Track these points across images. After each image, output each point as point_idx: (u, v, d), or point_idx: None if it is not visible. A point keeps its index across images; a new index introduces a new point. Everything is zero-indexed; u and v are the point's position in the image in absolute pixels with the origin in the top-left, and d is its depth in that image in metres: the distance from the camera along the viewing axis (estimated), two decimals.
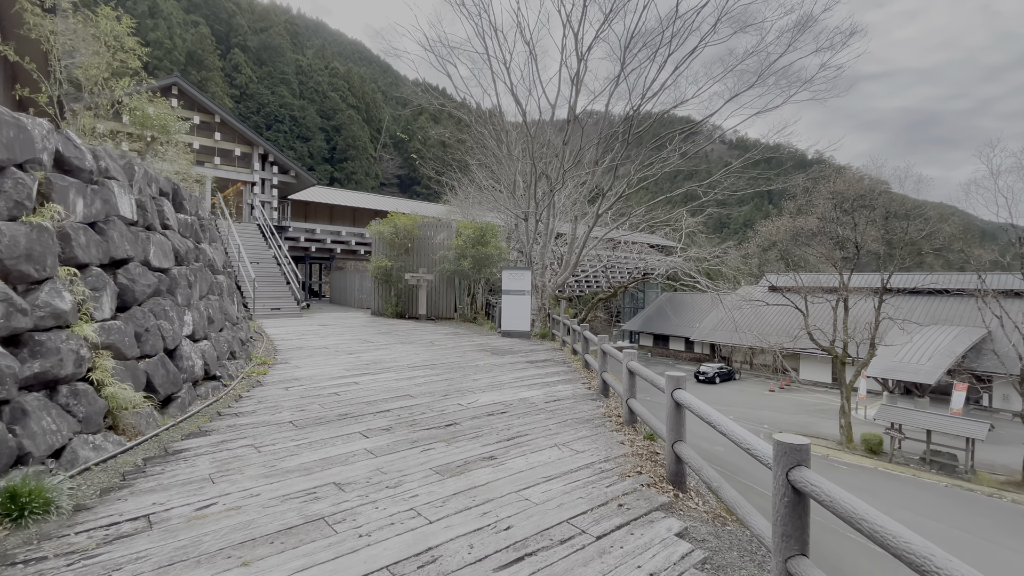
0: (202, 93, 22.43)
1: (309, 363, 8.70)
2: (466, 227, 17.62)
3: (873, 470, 21.19)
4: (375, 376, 7.68)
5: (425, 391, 6.77)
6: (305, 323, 15.21)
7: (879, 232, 24.43)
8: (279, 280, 18.68)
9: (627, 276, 41.52)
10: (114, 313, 5.17)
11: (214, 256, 8.64)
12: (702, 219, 18.06)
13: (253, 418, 5.46)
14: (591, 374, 8.53)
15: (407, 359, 9.27)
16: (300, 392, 6.62)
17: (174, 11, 64.92)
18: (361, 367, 8.39)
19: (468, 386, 7.13)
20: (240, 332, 8.92)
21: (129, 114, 8.90)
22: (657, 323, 49.60)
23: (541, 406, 6.17)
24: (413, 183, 78.97)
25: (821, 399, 34.37)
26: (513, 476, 3.98)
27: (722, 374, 37.78)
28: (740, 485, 17.46)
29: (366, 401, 6.16)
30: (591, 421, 5.64)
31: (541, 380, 7.77)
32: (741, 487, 16.43)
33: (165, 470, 4.05)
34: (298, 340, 11.47)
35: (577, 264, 13.99)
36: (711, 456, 20.01)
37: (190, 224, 7.66)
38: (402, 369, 8.28)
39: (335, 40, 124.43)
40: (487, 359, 9.55)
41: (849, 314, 25.18)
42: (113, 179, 5.64)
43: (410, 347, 10.77)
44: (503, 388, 7.10)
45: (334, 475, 3.94)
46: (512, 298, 13.27)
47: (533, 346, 11.76)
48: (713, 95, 13.92)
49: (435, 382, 7.35)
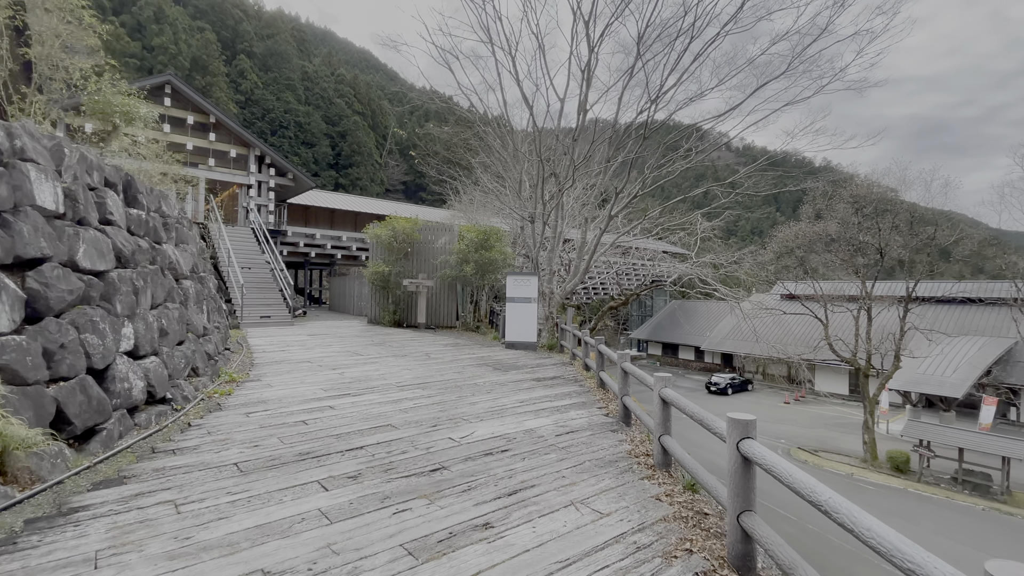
0: (196, 92, 21.62)
1: (284, 380, 7.63)
2: (469, 231, 16.59)
3: (903, 491, 19.80)
4: (355, 398, 6.59)
5: (411, 419, 5.66)
6: (294, 332, 14.17)
7: (904, 238, 23.15)
8: (271, 287, 17.69)
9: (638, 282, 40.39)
10: (18, 326, 4.12)
11: (178, 259, 7.61)
12: (720, 223, 16.91)
13: (192, 457, 4.37)
14: (607, 395, 7.40)
15: (397, 376, 8.17)
16: (261, 420, 5.54)
17: (180, 17, 64.84)
18: (342, 386, 7.30)
19: (464, 412, 6.02)
20: (208, 344, 7.87)
21: (86, 99, 7.92)
22: (666, 331, 48.27)
23: (551, 441, 5.04)
24: (419, 189, 78.24)
25: (839, 412, 32.91)
26: (516, 560, 2.85)
27: (735, 385, 36.38)
28: (763, 509, 16.21)
29: (337, 434, 5.06)
30: (614, 463, 4.50)
31: (550, 404, 6.64)
32: (764, 511, 15.18)
33: (44, 540, 2.97)
34: (281, 352, 10.42)
35: (588, 270, 12.88)
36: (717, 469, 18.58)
37: (144, 221, 6.63)
38: (388, 389, 7.18)
39: (343, 48, 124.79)
40: (488, 376, 8.44)
41: (872, 324, 23.87)
42: (30, 161, 4.61)
43: (402, 361, 9.67)
44: (505, 415, 5.98)
45: (266, 557, 2.83)
46: (517, 306, 12.17)
47: (540, 359, 10.64)
48: (734, 88, 12.82)
49: (425, 406, 6.24)
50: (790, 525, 14.86)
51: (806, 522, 14.99)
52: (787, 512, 15.23)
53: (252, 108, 69.56)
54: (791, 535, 14.47)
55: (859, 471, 21.91)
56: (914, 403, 29.76)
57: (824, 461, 23.00)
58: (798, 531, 14.65)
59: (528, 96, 12.21)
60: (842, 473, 21.60)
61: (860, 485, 20.17)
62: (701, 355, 44.16)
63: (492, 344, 12.92)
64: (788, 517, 15.12)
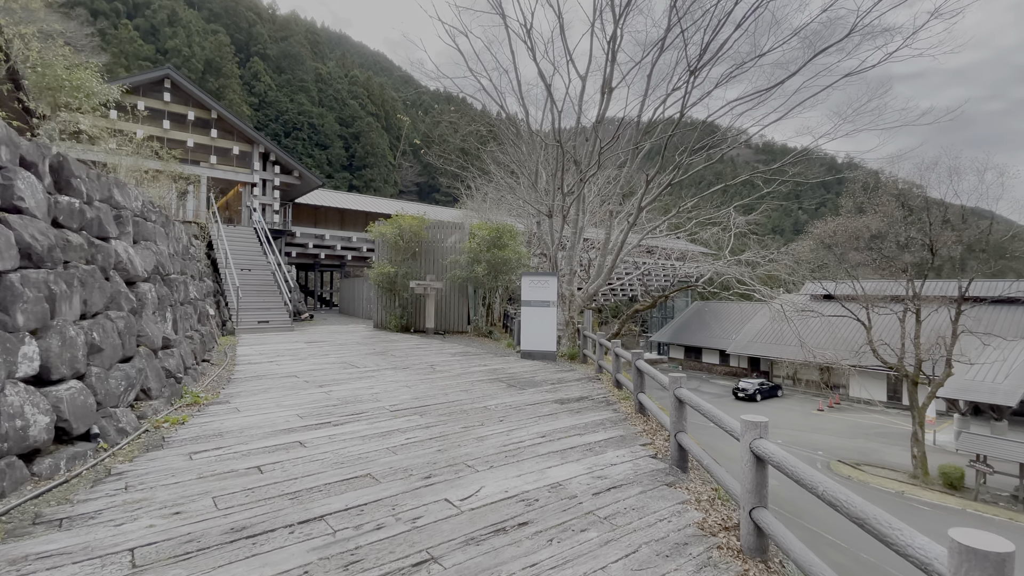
0: (197, 87, 20.69)
1: (257, 403, 6.35)
2: (480, 228, 15.25)
3: (961, 511, 17.86)
4: (335, 429, 5.26)
5: (399, 465, 4.31)
6: (291, 339, 12.98)
7: (955, 233, 21.15)
8: (271, 289, 16.57)
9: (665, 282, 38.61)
10: None
11: (131, 258, 6.39)
12: (758, 216, 15.25)
13: (79, 535, 3.08)
14: (648, 423, 5.97)
15: (393, 396, 6.84)
16: (205, 465, 4.24)
17: (193, 20, 64.91)
18: (324, 411, 5.99)
19: (468, 452, 4.65)
20: (170, 359, 6.64)
21: (31, 72, 6.75)
22: (688, 334, 46.39)
23: (587, 504, 3.64)
24: (433, 191, 77.36)
25: (878, 420, 30.79)
26: None
27: (763, 391, 34.44)
28: (808, 532, 14.52)
29: (296, 491, 3.73)
30: (683, 549, 3.08)
31: (579, 438, 5.24)
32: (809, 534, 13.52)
33: None
34: (268, 364, 9.18)
35: (613, 269, 11.44)
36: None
37: (78, 211, 5.41)
38: (379, 415, 5.85)
39: (357, 52, 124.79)
40: (501, 396, 7.06)
41: (921, 327, 21.90)
42: None
43: (402, 376, 8.35)
44: (522, 457, 4.59)
45: None
46: (534, 311, 10.77)
47: (560, 372, 9.23)
48: (776, 64, 11.18)
49: (420, 442, 4.89)
50: (841, 554, 13.20)
51: (859, 551, 13.31)
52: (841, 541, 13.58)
53: (266, 110, 69.37)
54: (841, 564, 12.87)
55: (909, 488, 19.98)
56: (962, 411, 27.59)
57: (869, 476, 21.11)
58: (849, 560, 13.00)
59: (545, 74, 10.84)
60: (891, 491, 19.72)
61: (913, 505, 18.29)
62: (726, 359, 42.20)
63: (506, 353, 11.55)
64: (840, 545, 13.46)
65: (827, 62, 14.17)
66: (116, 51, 50.33)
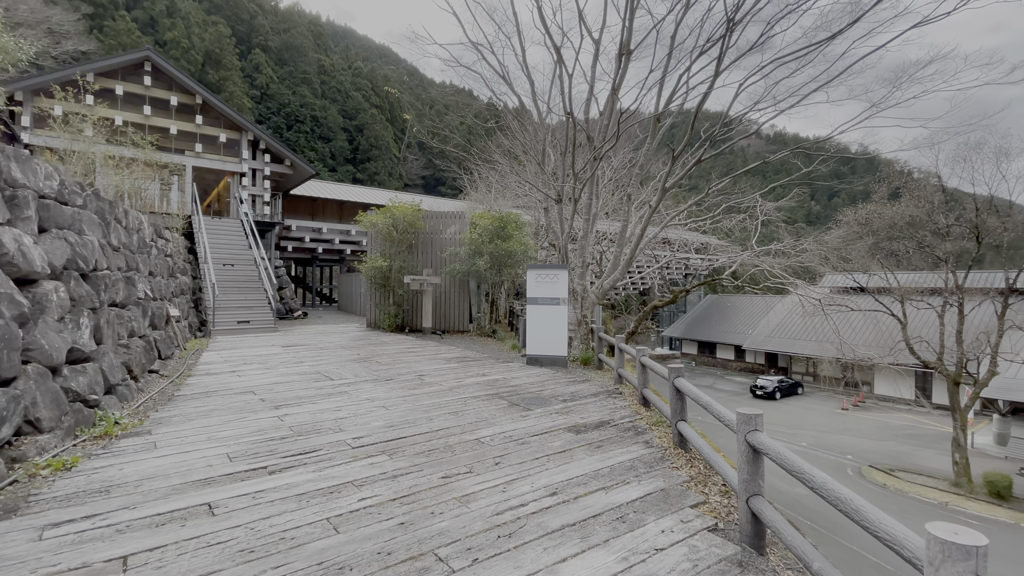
0: (180, 70, 19.33)
1: (184, 434, 4.96)
2: (483, 218, 13.79)
3: (1015, 526, 16.20)
4: (267, 481, 3.84)
5: (334, 560, 2.86)
6: (269, 342, 11.62)
7: (1002, 220, 19.33)
8: (255, 287, 15.23)
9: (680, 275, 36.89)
10: None
11: (24, 251, 4.99)
12: (791, 201, 13.62)
13: None
14: (692, 461, 4.49)
15: (360, 423, 5.41)
16: (50, 554, 2.83)
17: (193, 11, 63.66)
18: (265, 447, 4.57)
19: (443, 530, 3.18)
20: (79, 379, 5.25)
21: None
22: (702, 329, 44.65)
23: None
24: (438, 183, 75.85)
25: (908, 420, 29.01)
26: None
27: (783, 388, 32.75)
28: (838, 546, 13.00)
29: None
30: None
31: (603, 496, 3.77)
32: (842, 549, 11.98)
33: None
34: (227, 375, 7.80)
35: (632, 260, 9.92)
36: (796, 503, 15.38)
37: None
38: (334, 456, 4.41)
39: (363, 45, 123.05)
40: (499, 421, 5.61)
41: (963, 321, 20.13)
42: None
43: (382, 390, 6.91)
44: (523, 538, 3.11)
45: None
46: (541, 309, 9.29)
47: (573, 382, 7.75)
48: (824, 20, 9.48)
49: (376, 509, 3.44)
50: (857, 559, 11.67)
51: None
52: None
53: (267, 102, 68.14)
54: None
55: (953, 498, 18.32)
56: (1002, 412, 25.76)
57: (907, 484, 19.45)
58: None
59: (554, 37, 9.25)
60: (933, 501, 18.07)
61: (960, 518, 16.64)
62: (742, 354, 40.46)
63: (510, 357, 10.09)
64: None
65: (881, 18, 12.45)
66: (114, 43, 49.21)
